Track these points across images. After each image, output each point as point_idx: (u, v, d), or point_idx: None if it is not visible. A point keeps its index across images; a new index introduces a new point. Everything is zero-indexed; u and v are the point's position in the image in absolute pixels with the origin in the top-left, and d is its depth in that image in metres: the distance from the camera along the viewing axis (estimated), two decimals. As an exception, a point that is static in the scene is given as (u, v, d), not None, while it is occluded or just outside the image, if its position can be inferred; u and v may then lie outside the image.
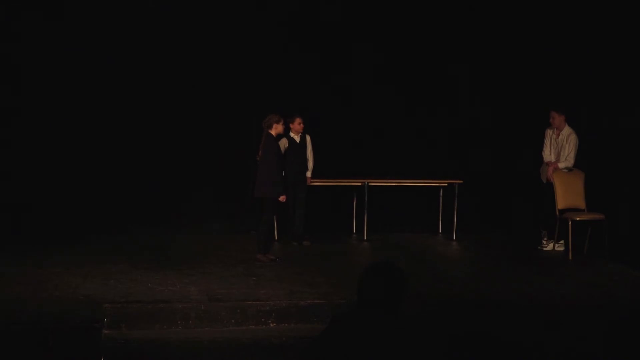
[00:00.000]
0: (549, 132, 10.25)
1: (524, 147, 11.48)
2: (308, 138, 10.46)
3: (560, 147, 10.13)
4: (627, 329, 6.80)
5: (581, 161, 10.12)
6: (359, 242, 10.71)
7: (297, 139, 10.35)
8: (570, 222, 9.48)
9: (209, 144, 11.41)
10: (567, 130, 10.11)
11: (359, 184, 10.83)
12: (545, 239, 10.19)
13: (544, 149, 10.28)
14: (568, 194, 9.82)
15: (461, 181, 10.82)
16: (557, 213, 9.77)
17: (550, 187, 10.03)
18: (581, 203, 9.84)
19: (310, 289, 7.55)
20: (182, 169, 11.41)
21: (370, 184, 10.70)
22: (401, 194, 11.36)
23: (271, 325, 6.84)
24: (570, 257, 9.47)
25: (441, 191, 11.18)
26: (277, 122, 9.08)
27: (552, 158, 10.17)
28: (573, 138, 10.08)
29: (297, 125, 10.23)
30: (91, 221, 10.78)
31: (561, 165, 10.04)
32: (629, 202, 10.16)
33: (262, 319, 6.84)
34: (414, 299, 3.79)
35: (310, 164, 10.51)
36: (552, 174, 9.92)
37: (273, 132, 9.06)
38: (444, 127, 11.74)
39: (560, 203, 9.78)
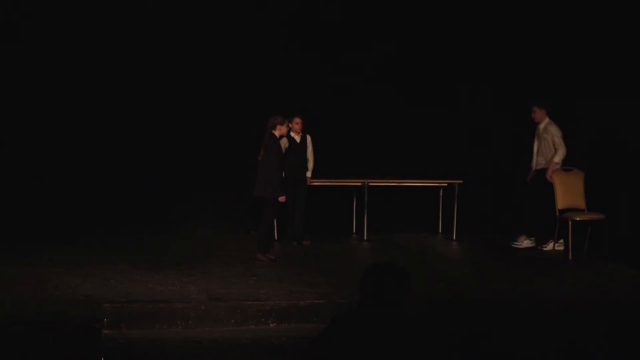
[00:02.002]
0: (536, 130, 10.35)
1: (524, 146, 11.49)
2: (308, 138, 10.46)
3: (542, 140, 10.19)
4: (627, 329, 6.80)
5: (581, 161, 10.11)
6: (359, 242, 10.71)
7: (298, 139, 10.35)
8: (570, 222, 9.48)
9: (208, 144, 11.41)
10: (546, 122, 10.20)
11: (359, 184, 10.84)
12: (546, 240, 10.19)
13: (534, 149, 10.38)
14: (568, 194, 9.83)
15: (461, 181, 10.82)
16: (557, 213, 9.76)
17: (538, 187, 10.04)
18: (581, 203, 9.84)
19: (310, 289, 7.55)
20: (182, 168, 11.41)
21: (370, 184, 10.71)
22: (401, 194, 11.36)
23: (271, 325, 6.84)
24: (570, 257, 9.47)
25: (441, 191, 11.19)
26: (281, 124, 9.12)
27: (534, 156, 10.29)
28: (553, 128, 10.13)
29: (294, 125, 10.23)
30: (91, 221, 10.79)
31: (556, 159, 10.07)
32: (629, 202, 10.16)
33: (262, 319, 6.84)
34: (413, 299, 3.79)
35: (311, 164, 10.51)
36: (553, 175, 9.89)
37: (276, 132, 9.09)
38: (445, 126, 11.74)
39: (560, 203, 9.78)
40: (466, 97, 11.86)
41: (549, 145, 10.13)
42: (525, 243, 10.32)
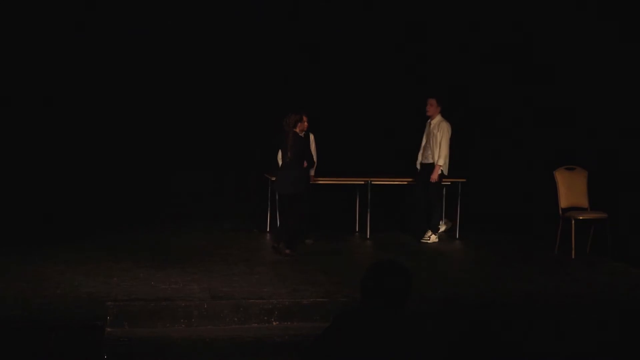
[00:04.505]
0: (427, 125, 10.46)
1: (524, 146, 11.50)
2: (312, 136, 10.45)
3: (432, 135, 10.24)
4: (628, 328, 6.79)
5: (583, 160, 10.09)
6: (362, 241, 10.70)
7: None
8: (573, 221, 9.45)
9: (212, 143, 11.43)
10: (438, 119, 10.26)
11: (362, 182, 10.82)
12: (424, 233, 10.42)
13: (422, 142, 10.50)
14: (571, 192, 9.80)
15: (464, 180, 10.81)
16: (560, 212, 9.73)
17: (421, 182, 10.31)
18: (584, 202, 9.81)
19: (312, 287, 7.55)
20: (185, 167, 11.43)
21: (373, 182, 10.69)
22: (404, 193, 11.34)
23: (274, 323, 6.84)
24: (573, 256, 9.45)
25: (444, 190, 11.15)
26: (300, 121, 9.21)
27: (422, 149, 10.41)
28: (444, 126, 10.19)
29: (304, 123, 10.21)
30: (93, 219, 10.81)
31: (441, 162, 10.18)
32: (632, 201, 10.13)
33: (265, 317, 6.84)
34: (414, 298, 3.79)
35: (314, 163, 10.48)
36: (556, 174, 9.86)
37: (298, 130, 9.17)
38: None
39: (563, 202, 9.75)
40: (469, 96, 11.87)
41: (438, 141, 10.18)
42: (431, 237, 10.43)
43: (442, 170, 10.29)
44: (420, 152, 10.54)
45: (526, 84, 11.47)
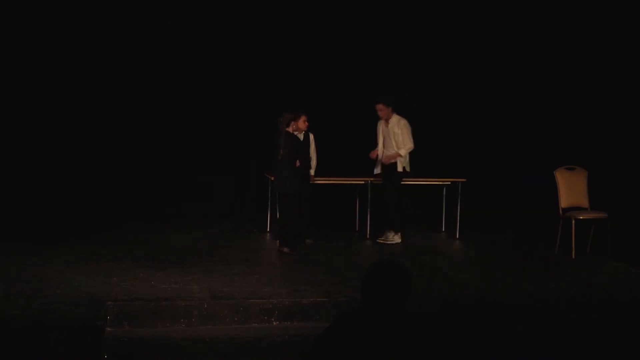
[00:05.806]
0: (379, 126, 10.41)
1: (526, 146, 11.50)
2: (311, 136, 10.44)
3: (391, 134, 10.23)
4: (628, 328, 6.79)
5: (583, 159, 10.09)
6: (362, 241, 10.70)
7: (301, 137, 10.32)
8: (573, 221, 9.45)
9: (212, 143, 11.42)
10: (396, 117, 10.27)
11: (362, 182, 10.82)
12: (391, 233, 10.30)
13: (379, 143, 10.44)
14: (571, 192, 9.79)
15: (464, 179, 10.81)
16: (560, 212, 9.72)
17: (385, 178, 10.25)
18: (584, 202, 9.81)
19: (312, 287, 7.55)
20: (186, 167, 11.42)
21: (372, 182, 10.69)
22: (404, 192, 11.33)
23: (274, 323, 6.84)
24: (573, 256, 9.45)
25: (444, 189, 11.16)
26: (295, 120, 9.27)
27: (380, 149, 10.37)
28: (404, 123, 10.24)
29: (302, 123, 10.20)
30: (94, 219, 10.80)
31: (402, 152, 10.19)
32: (632, 201, 10.13)
33: (265, 317, 6.84)
34: (414, 298, 3.78)
35: (314, 162, 10.48)
36: (557, 174, 9.83)
37: (291, 129, 9.19)
38: (448, 124, 11.73)
39: (563, 202, 9.75)
40: (470, 95, 11.86)
41: (400, 139, 10.20)
42: (395, 239, 10.33)
43: (404, 168, 10.30)
44: (381, 154, 10.45)
45: (525, 84, 11.49)
